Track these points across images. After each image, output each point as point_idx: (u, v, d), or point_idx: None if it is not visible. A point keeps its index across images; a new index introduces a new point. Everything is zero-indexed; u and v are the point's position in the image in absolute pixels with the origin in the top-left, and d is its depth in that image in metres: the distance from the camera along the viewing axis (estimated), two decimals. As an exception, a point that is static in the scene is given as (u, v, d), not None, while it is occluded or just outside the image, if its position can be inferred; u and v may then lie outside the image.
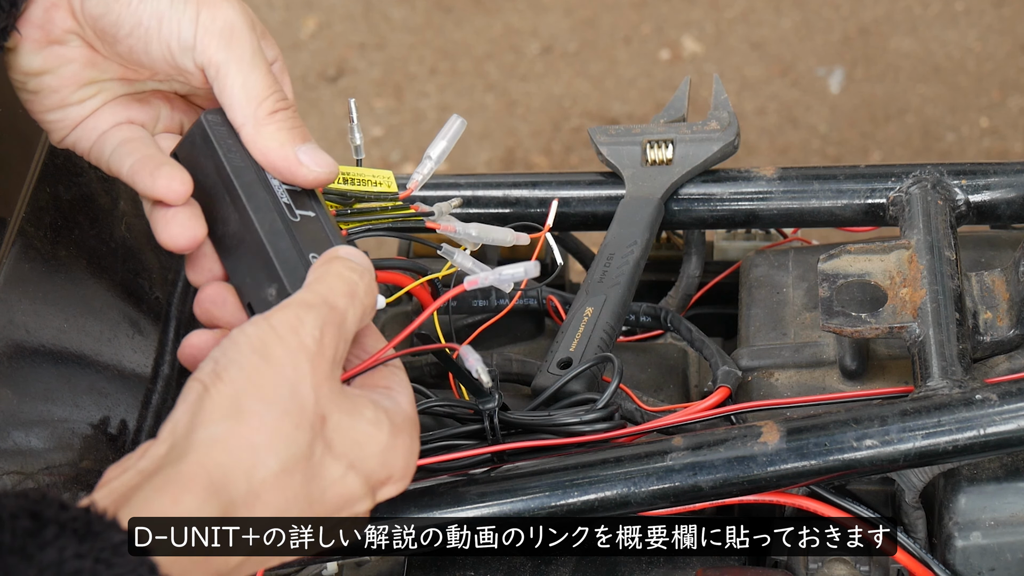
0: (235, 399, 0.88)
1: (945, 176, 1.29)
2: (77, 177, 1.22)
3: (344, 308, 0.94)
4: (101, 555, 0.78)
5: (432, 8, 3.18)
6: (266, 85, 1.01)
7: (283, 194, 1.03)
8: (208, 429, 0.87)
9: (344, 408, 0.92)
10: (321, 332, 0.92)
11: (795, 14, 3.12)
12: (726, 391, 1.20)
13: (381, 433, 0.94)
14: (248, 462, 0.87)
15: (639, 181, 1.34)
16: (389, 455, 0.94)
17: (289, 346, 0.90)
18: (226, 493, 0.85)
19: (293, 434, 0.89)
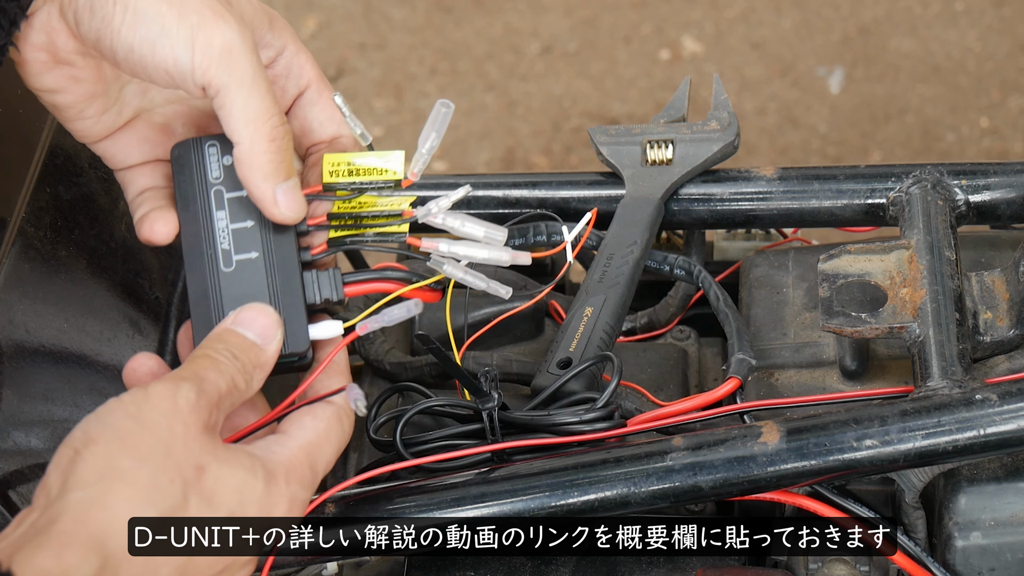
0: (108, 459, 0.90)
1: (945, 176, 1.29)
2: (77, 177, 1.22)
3: (215, 380, 0.97)
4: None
5: (432, 8, 3.18)
6: (265, 108, 1.00)
7: (225, 238, 1.04)
8: (83, 491, 0.89)
9: (221, 457, 0.95)
10: (196, 396, 0.95)
11: (795, 14, 3.12)
12: (736, 382, 1.19)
13: (256, 480, 0.96)
14: (124, 516, 0.89)
15: (639, 181, 1.34)
16: (267, 501, 0.96)
17: (162, 410, 0.93)
18: (105, 548, 0.87)
19: (168, 487, 0.91)
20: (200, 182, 1.05)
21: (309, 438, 1.01)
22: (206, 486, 0.93)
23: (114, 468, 0.90)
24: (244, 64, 0.99)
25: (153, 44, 0.99)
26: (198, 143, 1.06)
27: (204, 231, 1.04)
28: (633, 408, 1.23)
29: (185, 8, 0.99)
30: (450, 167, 2.95)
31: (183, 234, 1.05)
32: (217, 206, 1.05)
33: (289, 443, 1.00)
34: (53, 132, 1.21)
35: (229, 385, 0.98)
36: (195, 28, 0.98)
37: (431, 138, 1.06)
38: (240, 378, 1.00)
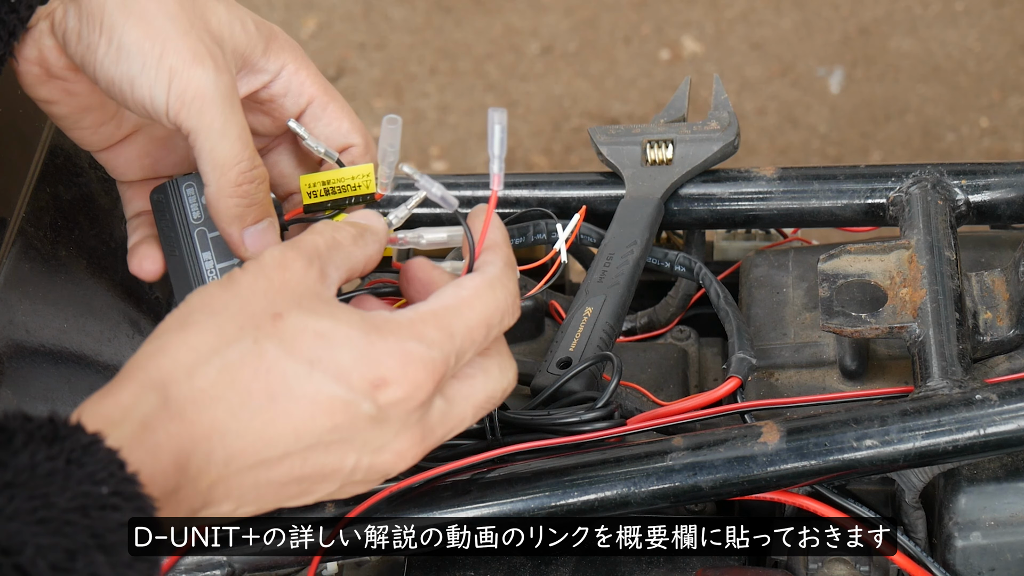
0: (185, 315, 0.89)
1: (945, 176, 1.29)
2: (77, 177, 1.22)
3: (309, 239, 0.93)
4: (72, 456, 0.79)
5: (432, 8, 3.18)
6: (233, 154, 1.00)
7: (214, 278, 1.05)
8: (153, 342, 0.88)
9: (308, 308, 0.89)
10: (281, 253, 0.91)
11: (795, 14, 3.12)
12: (737, 382, 1.20)
13: (352, 329, 0.88)
14: (187, 361, 0.86)
15: (639, 181, 1.34)
16: (370, 352, 0.88)
17: (249, 270, 0.90)
18: (166, 389, 0.85)
19: (234, 335, 0.87)
20: (182, 224, 1.06)
21: (445, 302, 0.92)
22: (285, 332, 0.87)
23: (184, 321, 0.88)
24: (214, 112, 0.99)
25: (132, 81, 0.99)
26: (175, 185, 1.07)
27: (192, 274, 1.05)
28: (633, 408, 1.23)
29: (167, 49, 0.99)
30: (450, 167, 2.95)
31: (172, 279, 1.05)
32: (202, 247, 1.06)
33: (419, 307, 0.92)
34: (53, 132, 1.21)
35: (329, 241, 0.93)
36: (172, 72, 0.99)
37: (387, 154, 1.05)
38: (343, 234, 0.95)
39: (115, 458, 0.81)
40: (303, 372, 0.87)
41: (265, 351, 0.87)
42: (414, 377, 0.89)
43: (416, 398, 0.89)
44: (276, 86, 1.07)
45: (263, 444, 0.87)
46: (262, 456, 0.87)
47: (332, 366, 0.87)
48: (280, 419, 0.87)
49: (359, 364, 0.88)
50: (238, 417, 0.86)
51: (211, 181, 1.01)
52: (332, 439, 0.88)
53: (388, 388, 0.88)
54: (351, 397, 0.88)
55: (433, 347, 0.90)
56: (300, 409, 0.87)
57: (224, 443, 0.86)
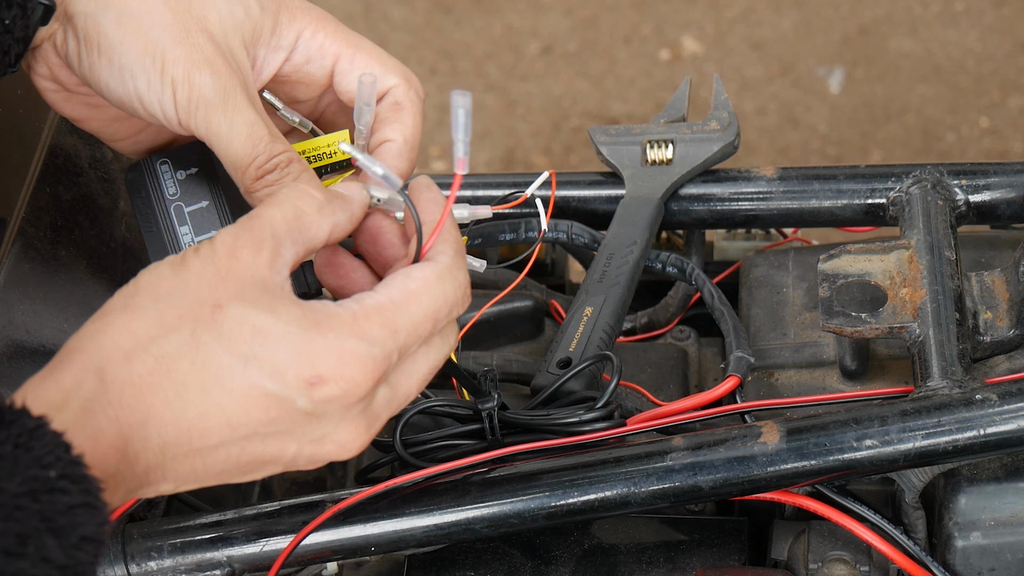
0: (130, 295, 0.88)
1: (945, 176, 1.29)
2: (77, 177, 1.22)
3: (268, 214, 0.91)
4: (19, 440, 0.80)
5: (432, 8, 3.18)
6: (244, 156, 1.00)
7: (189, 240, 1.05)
8: (97, 321, 0.88)
9: (249, 300, 0.88)
10: (234, 238, 0.89)
11: (795, 14, 3.12)
12: (736, 380, 1.20)
13: (291, 326, 0.87)
14: (126, 346, 0.86)
15: (639, 181, 1.34)
16: (307, 349, 0.87)
17: (200, 254, 0.89)
18: (104, 371, 0.86)
19: (175, 323, 0.87)
20: (158, 201, 1.06)
21: (392, 295, 0.91)
22: (223, 325, 0.87)
23: (129, 303, 0.88)
24: (218, 117, 0.99)
25: (140, 98, 1.00)
26: (149, 163, 1.07)
27: (171, 248, 1.05)
28: (633, 408, 1.23)
29: (166, 60, 0.99)
30: (450, 167, 2.95)
31: (151, 255, 1.05)
32: (179, 221, 1.06)
33: (364, 300, 0.91)
34: (53, 132, 1.21)
35: (289, 213, 0.91)
36: (175, 83, 0.98)
37: (363, 112, 1.04)
38: (307, 202, 0.92)
39: (61, 441, 0.81)
40: (238, 366, 0.87)
41: (202, 343, 0.87)
42: (351, 376, 0.88)
43: (354, 394, 0.89)
44: (297, 57, 1.05)
45: (197, 434, 0.87)
46: (196, 445, 0.88)
47: (267, 362, 0.87)
48: (213, 411, 0.87)
49: (295, 361, 0.87)
50: (172, 407, 0.86)
51: (235, 180, 1.01)
52: (268, 431, 0.89)
53: (324, 386, 0.88)
54: (285, 393, 0.88)
55: (374, 345, 0.89)
56: (233, 402, 0.87)
57: (160, 431, 0.87)
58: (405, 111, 1.06)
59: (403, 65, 1.06)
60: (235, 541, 1.11)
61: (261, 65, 1.04)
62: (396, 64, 1.07)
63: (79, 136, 1.23)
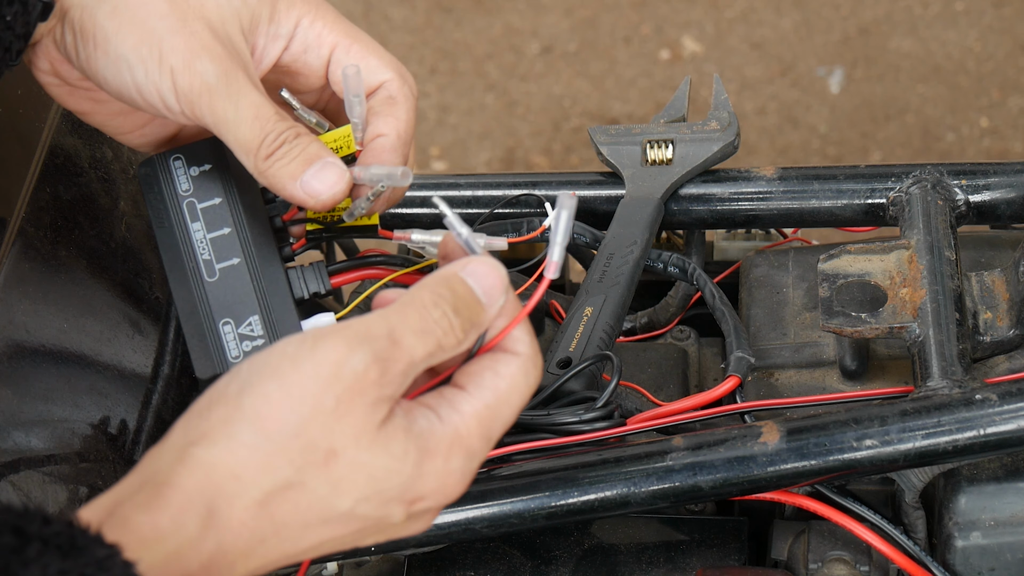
0: (230, 424, 0.83)
1: (945, 176, 1.29)
2: (77, 177, 1.22)
3: (411, 345, 0.86)
4: (85, 571, 0.76)
5: (432, 8, 3.18)
6: (252, 138, 0.99)
7: (205, 248, 1.04)
8: (194, 451, 0.83)
9: (364, 444, 0.84)
10: (366, 367, 0.84)
11: (795, 14, 3.12)
12: (736, 381, 1.20)
13: (405, 466, 0.85)
14: (230, 492, 0.83)
15: (639, 181, 1.34)
16: (416, 480, 0.86)
17: (317, 377, 0.84)
18: (209, 517, 0.82)
19: (283, 468, 0.83)
20: (171, 197, 1.06)
21: (487, 400, 0.88)
22: (335, 472, 0.83)
23: (232, 437, 0.83)
24: (223, 102, 0.98)
25: (139, 88, 0.99)
26: (163, 159, 1.07)
27: (183, 245, 1.05)
28: (633, 408, 1.23)
29: (163, 50, 0.98)
30: (450, 167, 2.95)
31: (162, 251, 1.05)
32: (192, 218, 1.05)
33: (463, 407, 0.87)
34: (53, 132, 1.21)
35: (432, 350, 0.86)
36: (174, 73, 0.98)
37: (353, 104, 1.04)
38: (450, 339, 0.87)
39: (131, 572, 0.77)
40: (346, 507, 0.85)
41: (311, 489, 0.84)
42: (451, 492, 0.88)
43: (447, 502, 0.88)
44: (296, 45, 1.05)
45: (284, 557, 0.86)
46: (280, 563, 0.86)
47: (377, 500, 0.85)
48: (308, 538, 0.86)
49: (403, 492, 0.86)
50: (267, 544, 0.84)
51: (246, 163, 1.00)
52: (356, 538, 0.87)
53: (423, 502, 0.87)
54: (387, 514, 0.87)
55: (474, 458, 0.88)
56: (331, 530, 0.86)
57: (247, 564, 0.84)
58: (399, 106, 1.05)
59: (397, 60, 1.06)
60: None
61: (261, 53, 1.04)
62: (390, 59, 1.06)
63: (79, 136, 1.23)
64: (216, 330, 1.02)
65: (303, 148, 1.01)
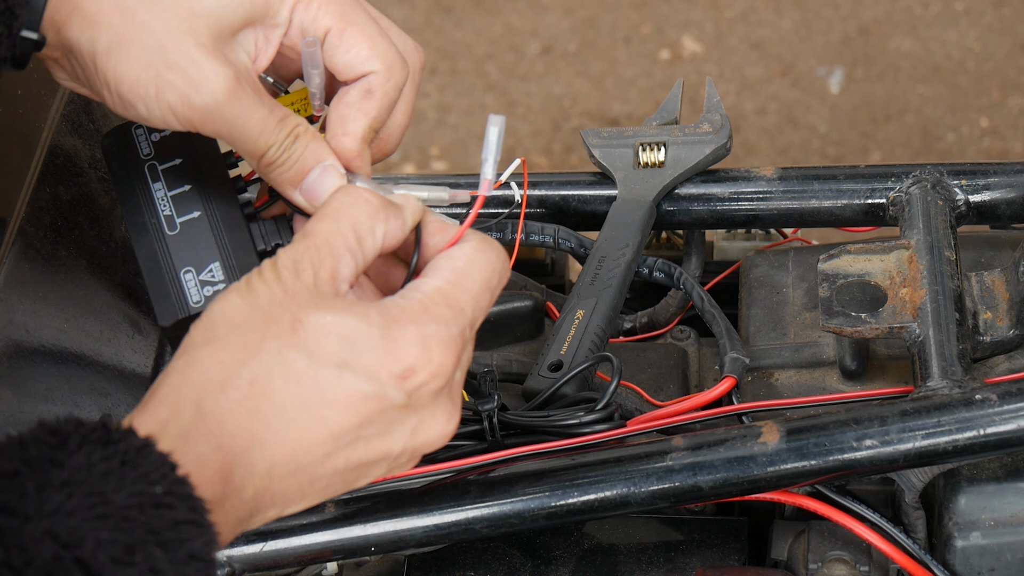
0: (208, 328, 0.89)
1: (945, 176, 1.29)
2: (77, 177, 1.22)
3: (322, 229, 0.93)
4: (126, 457, 0.80)
5: (432, 8, 3.18)
6: (256, 146, 1.01)
7: (165, 205, 1.05)
8: (181, 357, 0.89)
9: (323, 307, 0.90)
10: (297, 256, 0.91)
11: (795, 14, 3.12)
12: (732, 381, 1.20)
13: (372, 327, 0.89)
14: (217, 375, 0.87)
15: (631, 183, 1.34)
16: (393, 346, 0.89)
17: (265, 277, 0.90)
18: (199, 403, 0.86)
19: (259, 345, 0.88)
20: (133, 162, 1.07)
21: (445, 276, 0.93)
22: (305, 339, 0.88)
23: (209, 335, 0.89)
24: (223, 120, 1.00)
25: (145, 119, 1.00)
26: (125, 129, 1.08)
27: (144, 203, 1.06)
28: (633, 408, 1.23)
29: (160, 86, 0.98)
30: (450, 167, 2.95)
31: (125, 213, 1.06)
32: (153, 179, 1.07)
33: (421, 286, 0.93)
34: (53, 132, 1.21)
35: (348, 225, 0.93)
36: (173, 108, 0.99)
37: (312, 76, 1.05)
38: (361, 210, 0.94)
39: (167, 460, 0.82)
40: (332, 376, 0.88)
41: (291, 360, 0.88)
42: (439, 360, 0.90)
43: (443, 376, 0.91)
44: (294, 32, 1.04)
45: (303, 450, 0.88)
46: (303, 462, 0.88)
47: (360, 366, 0.89)
48: (316, 425, 0.88)
49: (385, 359, 0.89)
50: (273, 428, 0.87)
51: (253, 166, 1.03)
52: (370, 434, 0.90)
53: (415, 375, 0.90)
54: (382, 391, 0.89)
55: (451, 325, 0.91)
56: (335, 412, 0.89)
57: (264, 454, 0.87)
58: (373, 101, 1.05)
59: (394, 49, 1.05)
60: (235, 541, 1.11)
61: (262, 47, 1.03)
62: (384, 48, 1.05)
63: (79, 136, 1.23)
64: (178, 277, 1.04)
65: (301, 154, 1.02)
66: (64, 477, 0.78)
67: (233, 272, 1.04)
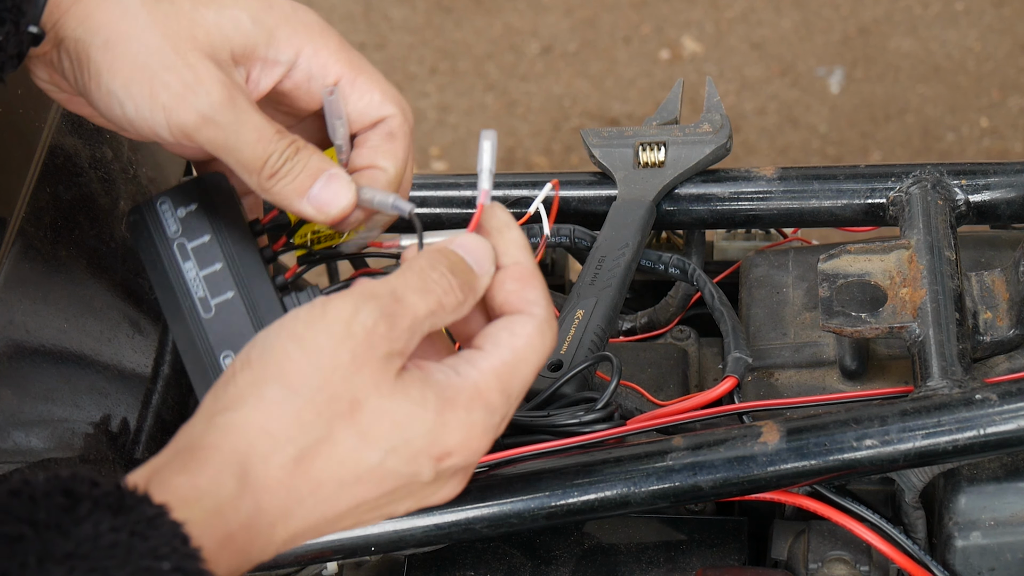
0: (257, 386, 0.87)
1: (945, 176, 1.29)
2: (77, 177, 1.22)
3: (414, 303, 0.90)
4: (136, 528, 0.78)
5: (432, 8, 3.19)
6: (254, 159, 1.00)
7: (198, 286, 1.05)
8: (225, 415, 0.86)
9: (385, 392, 0.88)
10: (375, 323, 0.88)
11: (795, 14, 3.12)
12: (733, 381, 1.20)
13: (425, 412, 0.88)
14: (264, 449, 0.85)
15: (631, 183, 1.34)
16: (441, 431, 0.88)
17: (332, 334, 0.87)
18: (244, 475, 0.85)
19: (312, 423, 0.86)
20: (161, 240, 1.06)
21: (504, 357, 0.91)
22: (360, 422, 0.87)
23: (262, 397, 0.86)
24: (220, 132, 0.99)
25: (132, 123, 0.99)
26: (149, 205, 1.07)
27: (177, 285, 1.05)
28: (633, 408, 1.23)
29: (155, 87, 0.98)
30: (450, 167, 2.95)
31: (157, 293, 1.05)
32: (183, 258, 1.06)
33: (480, 363, 0.91)
34: (53, 132, 1.21)
35: (433, 307, 0.90)
36: (167, 110, 0.98)
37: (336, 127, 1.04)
38: (450, 298, 0.91)
39: (179, 532, 0.80)
40: (376, 460, 0.88)
41: (340, 441, 0.87)
42: (476, 447, 0.90)
43: (473, 460, 0.91)
44: (297, 75, 1.04)
45: (324, 520, 0.88)
46: (320, 527, 0.89)
47: (405, 451, 0.88)
48: (344, 499, 0.88)
49: (429, 445, 0.89)
50: (305, 504, 0.87)
51: (250, 183, 1.01)
52: (388, 501, 0.90)
53: (451, 458, 0.90)
54: (416, 471, 0.89)
55: (495, 413, 0.91)
56: (366, 489, 0.88)
57: (287, 527, 0.87)
58: (398, 142, 1.06)
59: (399, 94, 1.07)
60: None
61: (257, 78, 1.03)
62: (393, 93, 1.07)
63: (79, 136, 1.23)
64: (217, 363, 1.03)
65: (306, 163, 1.01)
66: (68, 549, 0.77)
67: None
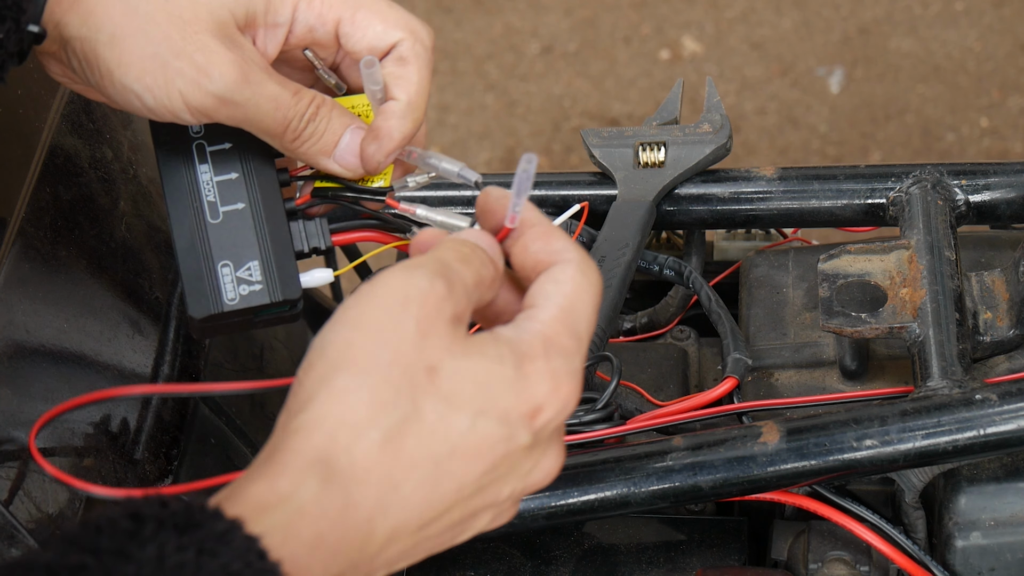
0: (324, 381, 0.82)
1: (945, 176, 1.29)
2: (77, 177, 1.22)
3: (460, 270, 0.86)
4: (204, 545, 0.74)
5: (432, 8, 3.18)
6: (276, 125, 1.00)
7: (210, 190, 1.04)
8: (299, 418, 0.81)
9: (458, 352, 0.83)
10: (431, 284, 0.84)
11: (795, 14, 3.12)
12: (733, 382, 1.20)
13: (505, 367, 0.84)
14: (346, 440, 0.80)
15: (631, 183, 1.34)
16: (522, 385, 0.84)
17: (390, 308, 0.83)
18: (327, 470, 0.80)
19: (393, 400, 0.81)
20: (180, 138, 1.05)
21: (560, 303, 0.87)
22: (442, 387, 0.82)
23: (332, 388, 0.81)
24: (240, 107, 0.99)
25: (152, 111, 1.00)
26: None
27: (188, 184, 1.04)
28: (633, 408, 1.23)
29: (169, 75, 0.98)
30: (450, 167, 2.94)
31: (166, 188, 1.04)
32: (200, 159, 1.05)
33: (540, 315, 0.87)
34: (53, 132, 1.21)
35: (476, 278, 0.87)
36: (184, 95, 0.98)
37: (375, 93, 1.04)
38: (487, 271, 0.88)
39: (254, 547, 0.75)
40: (466, 425, 0.82)
41: (425, 412, 0.82)
42: (566, 394, 0.86)
43: (566, 411, 0.86)
44: (299, 30, 1.04)
45: (427, 508, 0.82)
46: (425, 519, 0.83)
47: (494, 411, 0.83)
48: (445, 479, 0.82)
49: (518, 401, 0.84)
50: (401, 489, 0.81)
51: (276, 146, 1.02)
52: (491, 479, 0.84)
53: (543, 413, 0.85)
54: (512, 433, 0.84)
55: (573, 357, 0.87)
56: (464, 463, 0.83)
57: (387, 519, 0.81)
58: (409, 66, 1.03)
59: (408, 15, 1.04)
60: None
61: (263, 45, 1.03)
62: (399, 17, 1.04)
63: (79, 136, 1.23)
64: (214, 271, 1.02)
65: (328, 123, 1.02)
66: (129, 573, 0.72)
67: (271, 276, 1.03)
